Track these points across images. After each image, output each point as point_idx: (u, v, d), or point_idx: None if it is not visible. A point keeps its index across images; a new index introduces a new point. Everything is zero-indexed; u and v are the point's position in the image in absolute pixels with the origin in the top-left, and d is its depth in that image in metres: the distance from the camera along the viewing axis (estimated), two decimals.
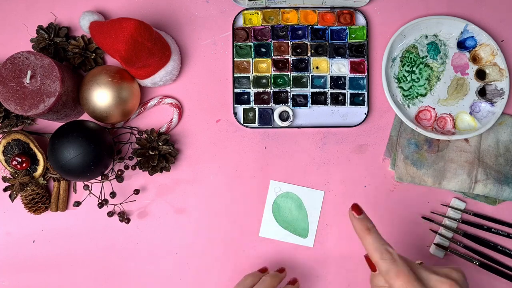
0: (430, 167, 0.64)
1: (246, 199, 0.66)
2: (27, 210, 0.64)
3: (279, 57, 0.65)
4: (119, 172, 0.62)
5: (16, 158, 0.61)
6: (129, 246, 0.65)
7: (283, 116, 0.65)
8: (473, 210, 0.65)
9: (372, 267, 0.49)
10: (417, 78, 0.66)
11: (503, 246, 0.64)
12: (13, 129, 0.63)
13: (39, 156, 0.63)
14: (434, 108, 0.65)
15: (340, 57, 0.65)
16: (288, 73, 0.65)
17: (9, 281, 0.66)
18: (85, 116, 0.65)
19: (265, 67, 0.66)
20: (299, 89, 0.65)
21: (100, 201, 0.61)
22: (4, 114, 0.62)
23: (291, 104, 0.65)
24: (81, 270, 0.66)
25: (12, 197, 0.62)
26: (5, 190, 0.62)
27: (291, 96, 0.65)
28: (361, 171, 0.66)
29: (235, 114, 0.65)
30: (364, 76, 0.65)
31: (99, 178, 0.61)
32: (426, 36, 0.66)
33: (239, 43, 0.65)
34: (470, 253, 0.64)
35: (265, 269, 0.62)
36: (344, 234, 0.65)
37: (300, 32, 0.66)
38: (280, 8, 0.66)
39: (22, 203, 0.64)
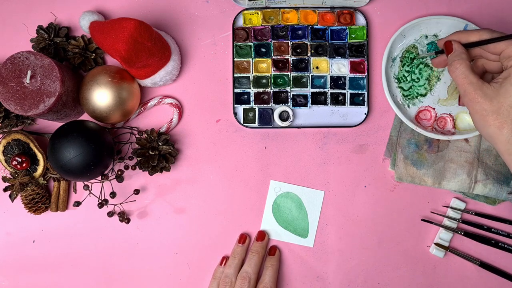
0: (430, 167, 0.63)
1: (246, 199, 0.66)
2: (27, 210, 0.64)
3: (279, 57, 0.65)
4: (119, 172, 0.62)
5: (16, 158, 0.61)
6: (129, 246, 0.65)
7: (283, 116, 0.65)
8: (473, 210, 0.65)
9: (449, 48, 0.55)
10: (417, 78, 0.66)
11: (504, 243, 0.64)
12: (13, 129, 0.63)
13: (39, 156, 0.63)
14: (434, 108, 0.65)
15: (340, 57, 0.65)
16: (288, 73, 0.65)
17: (9, 281, 0.66)
18: (85, 116, 0.65)
19: (265, 67, 0.66)
20: (299, 89, 0.65)
21: (100, 201, 0.61)
22: (4, 114, 0.62)
23: (291, 104, 0.65)
24: (81, 270, 0.65)
25: (12, 197, 0.62)
26: (5, 190, 0.62)
27: (291, 96, 0.65)
28: (361, 171, 0.66)
29: (235, 114, 0.65)
30: (364, 76, 0.65)
31: (99, 178, 0.61)
32: (426, 36, 0.65)
33: (239, 43, 0.65)
34: (470, 253, 0.64)
35: (245, 238, 0.64)
36: (344, 234, 0.65)
37: (300, 32, 0.66)
38: (280, 8, 0.66)
39: (22, 203, 0.64)
